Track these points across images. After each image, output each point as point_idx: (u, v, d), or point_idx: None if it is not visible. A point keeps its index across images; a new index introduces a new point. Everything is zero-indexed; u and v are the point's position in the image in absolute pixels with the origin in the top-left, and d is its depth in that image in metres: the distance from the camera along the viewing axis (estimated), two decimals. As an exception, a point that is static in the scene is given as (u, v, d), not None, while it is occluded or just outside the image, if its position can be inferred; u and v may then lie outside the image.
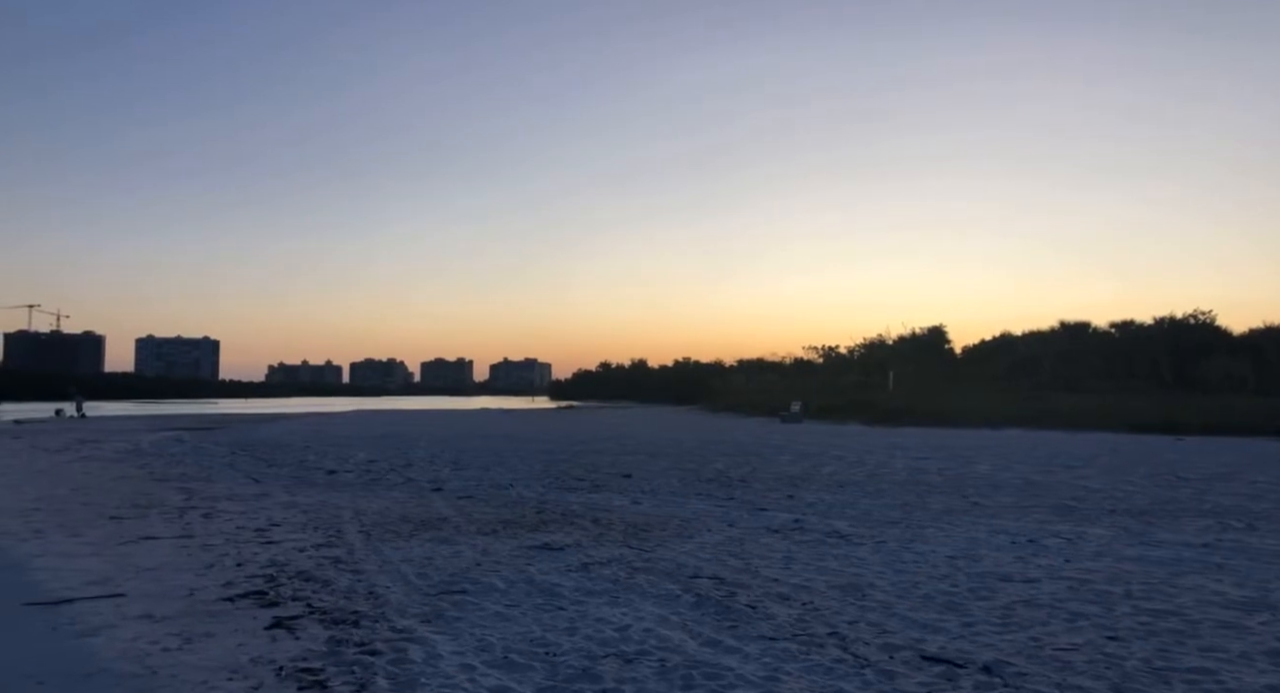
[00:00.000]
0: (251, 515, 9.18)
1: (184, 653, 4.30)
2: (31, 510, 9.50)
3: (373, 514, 9.35)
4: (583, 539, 7.67)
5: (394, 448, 19.30)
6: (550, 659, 4.14)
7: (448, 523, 8.71)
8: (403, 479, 13.04)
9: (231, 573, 6.22)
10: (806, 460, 15.56)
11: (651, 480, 12.54)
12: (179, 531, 8.14)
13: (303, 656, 4.24)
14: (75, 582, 5.91)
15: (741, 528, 8.31)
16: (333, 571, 6.33)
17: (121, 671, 4.03)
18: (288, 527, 8.45)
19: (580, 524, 8.63)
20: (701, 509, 9.68)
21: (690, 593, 5.54)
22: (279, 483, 12.61)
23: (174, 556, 6.90)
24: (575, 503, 10.23)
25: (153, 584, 5.86)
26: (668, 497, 10.80)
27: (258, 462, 16.17)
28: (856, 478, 12.71)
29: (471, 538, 7.81)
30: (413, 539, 7.73)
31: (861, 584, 5.75)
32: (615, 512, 9.54)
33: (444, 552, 7.09)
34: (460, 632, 4.66)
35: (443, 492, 11.51)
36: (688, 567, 6.40)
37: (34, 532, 7.99)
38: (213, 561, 6.68)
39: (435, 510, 9.63)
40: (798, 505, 9.94)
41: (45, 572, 6.26)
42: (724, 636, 4.52)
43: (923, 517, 9.00)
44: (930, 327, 65.16)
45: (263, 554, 6.96)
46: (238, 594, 5.53)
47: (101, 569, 6.35)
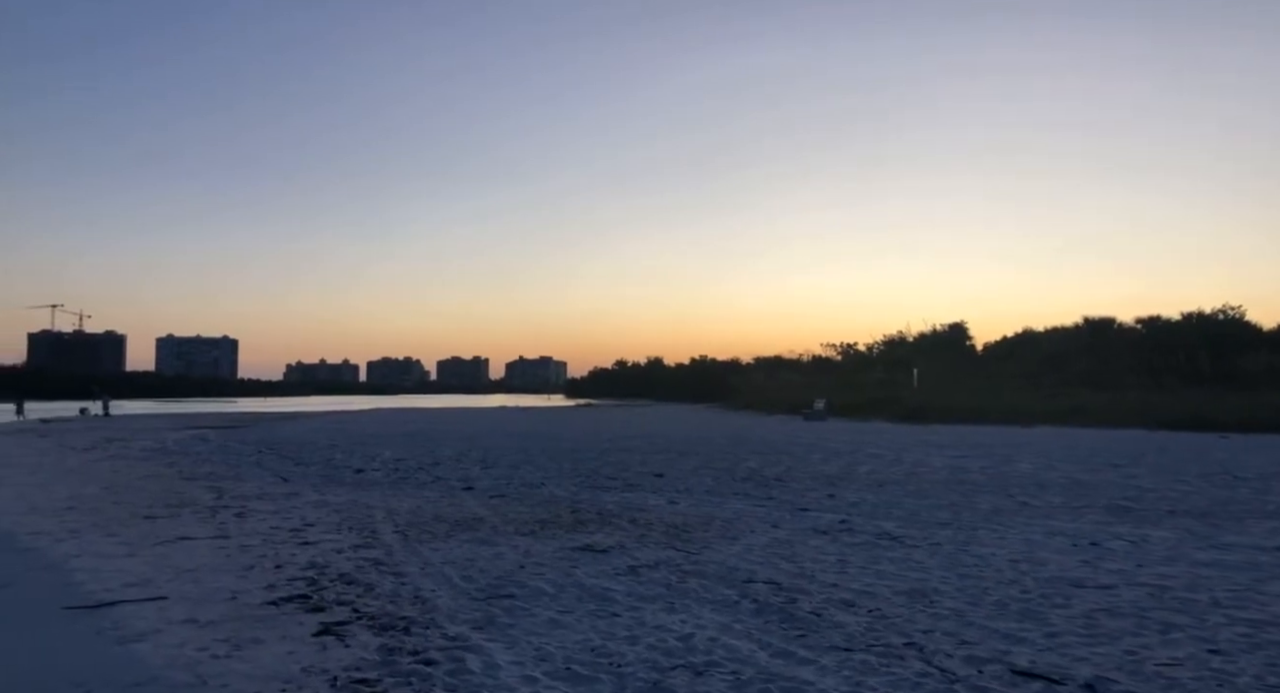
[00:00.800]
0: (285, 515, 9.05)
1: (233, 661, 4.13)
2: (65, 510, 9.43)
3: (406, 514, 9.20)
4: (625, 541, 7.47)
5: (420, 446, 19.20)
6: (616, 671, 3.93)
7: (484, 523, 8.53)
8: (432, 478, 12.90)
9: (272, 575, 6.07)
10: (841, 459, 15.28)
11: (684, 480, 12.32)
12: (214, 531, 8.02)
13: (356, 665, 4.05)
14: (115, 584, 5.78)
15: (787, 529, 8.07)
16: (374, 573, 6.16)
17: (172, 680, 3.86)
18: (322, 527, 8.31)
19: (619, 525, 8.43)
20: (741, 509, 9.44)
21: (748, 599, 5.31)
22: (308, 482, 12.50)
23: (212, 557, 6.76)
24: (610, 502, 10.03)
25: (193, 587, 5.72)
26: (704, 496, 10.58)
27: (285, 460, 16.11)
28: (896, 477, 12.42)
29: (511, 539, 7.62)
30: (450, 540, 7.56)
31: (926, 590, 5.50)
32: (652, 512, 9.33)
33: (485, 553, 6.91)
34: (516, 640, 4.46)
35: (474, 491, 11.35)
36: (740, 570, 6.18)
37: (69, 532, 7.89)
38: (252, 562, 6.54)
39: (469, 510, 9.47)
40: (840, 505, 9.68)
41: (84, 573, 6.13)
42: (794, 646, 4.29)
43: (972, 517, 8.72)
44: (951, 323, 64.60)
45: (301, 556, 6.81)
46: (281, 598, 5.37)
47: (140, 571, 6.22)
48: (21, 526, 8.25)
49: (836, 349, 78.23)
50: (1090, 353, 43.49)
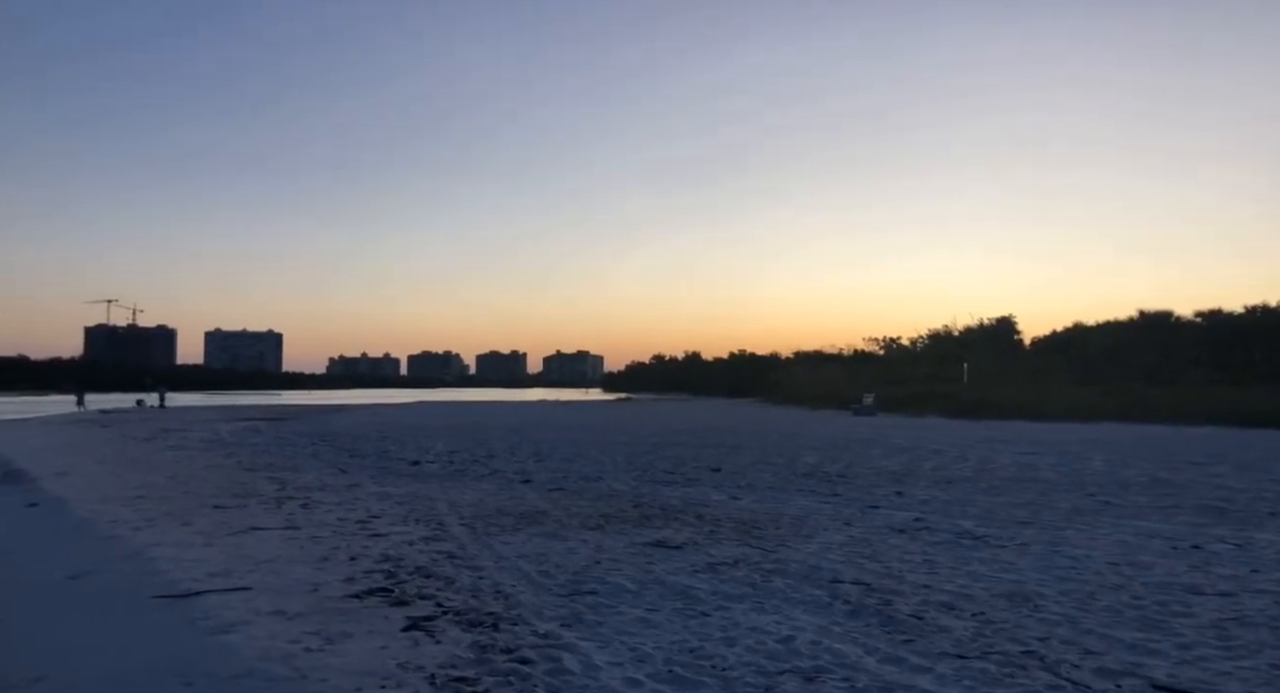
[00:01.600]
0: (349, 507, 9.06)
1: (327, 655, 4.06)
2: (136, 499, 9.58)
3: (468, 506, 9.16)
4: (695, 537, 7.30)
5: (471, 439, 19.27)
6: (721, 674, 3.76)
7: (547, 516, 8.44)
8: (488, 471, 12.88)
9: (348, 568, 6.03)
10: (903, 455, 14.91)
11: (743, 475, 12.11)
12: (283, 522, 8.05)
13: (451, 663, 3.95)
14: (198, 573, 5.79)
15: (860, 527, 7.83)
16: (450, 567, 6.08)
17: (270, 673, 3.80)
18: (388, 519, 8.29)
19: (685, 520, 8.26)
20: (808, 506, 9.21)
21: (840, 600, 5.11)
22: (365, 473, 12.58)
23: (286, 548, 6.76)
24: (672, 497, 9.87)
25: (273, 578, 5.70)
26: (766, 492, 10.36)
27: (340, 452, 16.27)
28: (964, 474, 12.05)
29: (579, 533, 7.51)
30: (519, 534, 7.47)
31: (1027, 593, 5.23)
32: (716, 507, 9.15)
33: (557, 548, 6.80)
34: (608, 639, 4.32)
35: (532, 484, 11.29)
36: (823, 569, 5.97)
37: (145, 520, 7.99)
38: (326, 554, 6.52)
39: (530, 503, 9.39)
40: (910, 503, 9.39)
41: (166, 562, 6.16)
42: (902, 651, 4.08)
43: (1053, 517, 8.37)
44: (999, 317, 63.18)
45: (374, 548, 6.78)
46: (363, 591, 5.31)
47: (218, 560, 6.24)
48: (99, 514, 8.38)
49: (879, 343, 77.13)
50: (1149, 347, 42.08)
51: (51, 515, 8.52)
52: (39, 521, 8.35)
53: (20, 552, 6.91)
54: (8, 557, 6.80)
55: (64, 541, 7.25)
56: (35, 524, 8.11)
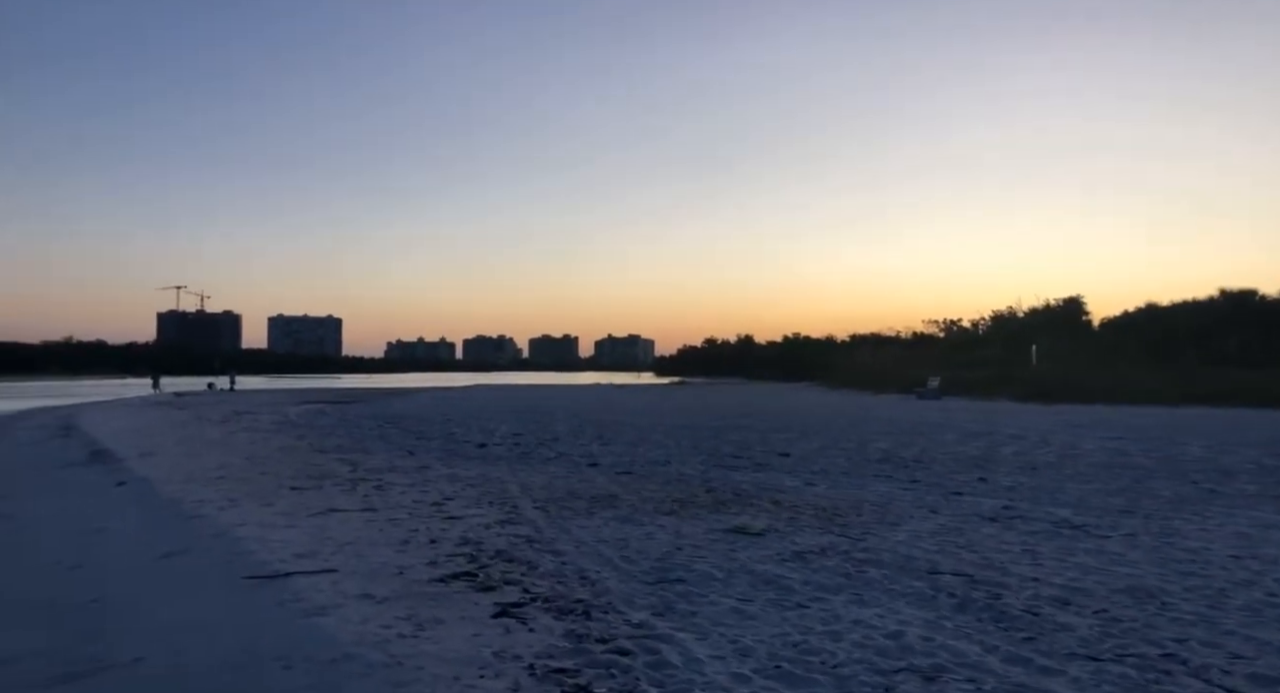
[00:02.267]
0: (422, 489, 9.10)
1: (421, 641, 3.99)
2: (217, 479, 9.80)
3: (539, 489, 9.11)
4: (775, 524, 7.07)
5: (533, 422, 19.34)
6: (833, 672, 3.55)
7: (620, 500, 8.32)
8: (554, 454, 12.85)
9: (429, 551, 5.99)
10: (978, 439, 14.37)
11: (814, 460, 11.80)
12: (360, 503, 8.10)
13: (548, 653, 3.83)
14: (284, 554, 5.82)
15: (947, 515, 7.49)
16: (530, 551, 5.99)
17: (367, 659, 3.73)
18: (461, 501, 8.28)
19: (761, 506, 8.04)
20: (887, 492, 8.89)
21: (944, 592, 4.83)
22: (433, 456, 12.67)
23: (365, 529, 6.77)
24: (744, 482, 9.65)
25: (357, 560, 5.69)
26: (840, 478, 10.06)
27: (406, 434, 16.48)
28: (1048, 460, 11.52)
29: (655, 518, 7.36)
30: (594, 518, 7.36)
31: (1148, 588, 4.87)
32: (790, 493, 8.89)
33: (635, 533, 6.66)
34: (705, 630, 4.14)
35: (599, 467, 11.20)
36: (917, 559, 5.69)
37: (229, 500, 8.14)
38: (405, 536, 6.50)
39: (600, 486, 9.29)
40: (995, 490, 8.98)
41: (252, 542, 6.22)
42: (1026, 650, 3.80)
43: (1155, 506, 7.88)
44: (1066, 298, 60.80)
45: (451, 531, 6.74)
46: (448, 575, 5.25)
47: (302, 541, 6.27)
48: (184, 493, 8.58)
49: (939, 326, 75.18)
50: (1233, 328, 39.94)
51: (139, 495, 8.76)
52: (128, 499, 8.60)
53: (114, 530, 7.10)
54: (102, 534, 6.99)
55: (153, 520, 7.42)
56: (125, 503, 8.35)
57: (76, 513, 8.10)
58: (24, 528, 7.63)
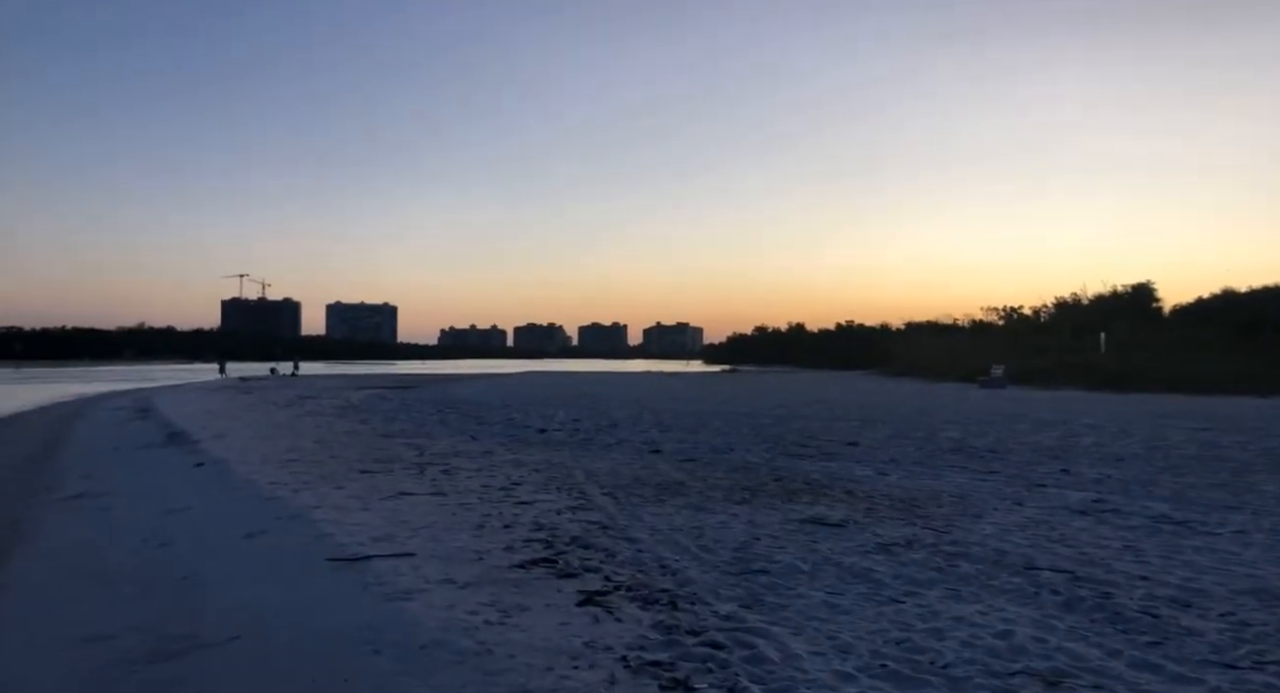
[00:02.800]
0: (489, 474, 9.11)
1: (509, 629, 3.92)
2: (289, 461, 9.98)
3: (604, 475, 9.04)
4: (852, 514, 6.86)
5: (591, 409, 19.36)
6: (944, 673, 3.36)
7: (688, 488, 8.19)
8: (615, 440, 12.80)
9: (504, 536, 5.95)
10: (1053, 429, 13.83)
11: (883, 449, 11.49)
12: (429, 487, 8.14)
13: (639, 644, 3.72)
14: (362, 537, 5.85)
15: (1034, 507, 7.16)
16: (605, 538, 5.91)
17: (457, 645, 3.68)
18: (530, 486, 8.26)
19: (834, 496, 7.83)
20: (965, 483, 8.56)
21: (1046, 589, 4.57)
22: (496, 441, 12.74)
23: (439, 513, 6.78)
24: (813, 472, 9.43)
25: (434, 544, 5.68)
26: (913, 468, 9.75)
27: (467, 419, 16.65)
28: (1132, 451, 10.99)
29: (726, 507, 7.21)
30: (664, 505, 7.25)
31: (1274, 590, 4.53)
32: (864, 483, 8.65)
33: (709, 521, 6.53)
34: (799, 625, 3.99)
35: (662, 454, 11.09)
36: (1010, 553, 5.42)
37: (302, 483, 8.26)
38: (479, 521, 6.48)
39: (666, 474, 9.17)
40: (1081, 482, 8.58)
41: (329, 524, 6.28)
42: (1153, 656, 3.54)
43: (1261, 500, 7.41)
44: (1134, 284, 58.31)
45: (524, 516, 6.71)
46: (527, 561, 5.19)
47: (378, 524, 6.30)
48: (260, 475, 8.76)
49: (998, 314, 73.00)
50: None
51: (217, 476, 8.98)
52: (207, 480, 8.81)
53: (197, 510, 7.27)
54: (187, 514, 7.16)
55: (232, 500, 7.58)
56: (205, 484, 8.56)
57: (160, 492, 8.33)
58: (113, 506, 7.88)
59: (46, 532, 7.15)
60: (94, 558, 6.03)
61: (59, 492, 9.17)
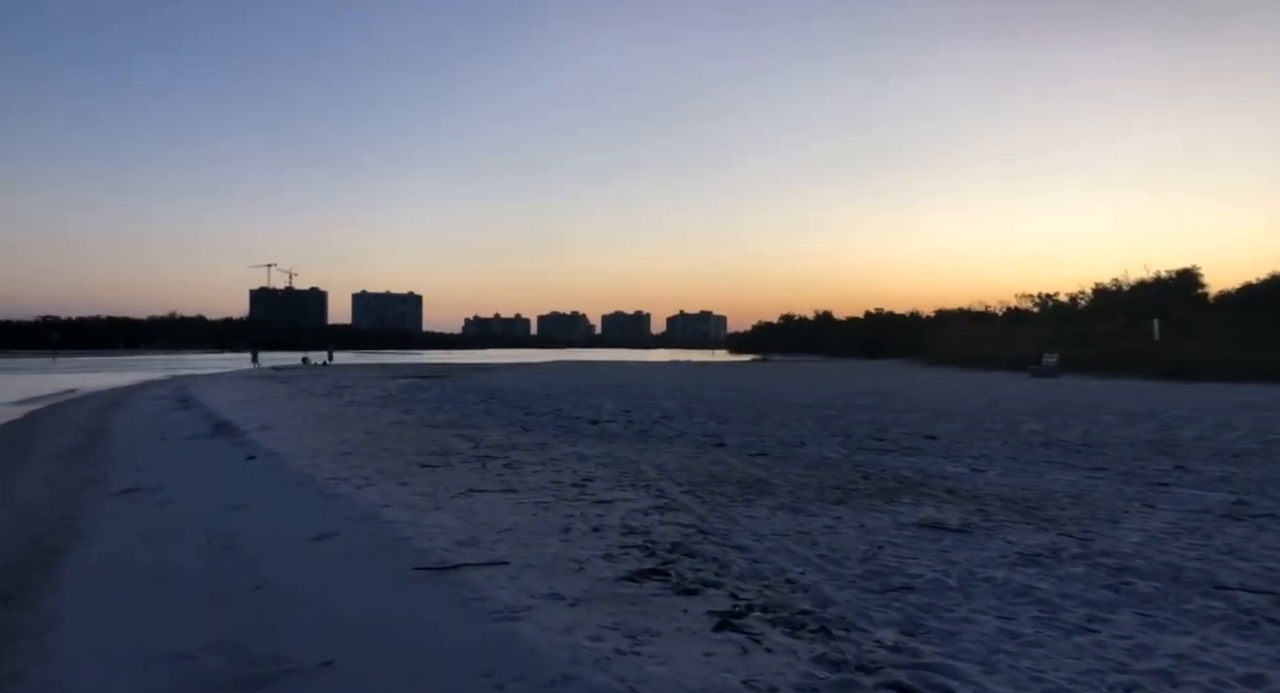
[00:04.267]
0: (554, 468, 8.58)
1: (645, 661, 3.35)
2: (343, 454, 9.52)
3: (676, 471, 8.48)
4: (969, 517, 6.21)
5: (635, 398, 18.79)
6: (1206, 730, 2.73)
7: (773, 486, 7.59)
8: (673, 432, 12.22)
9: (597, 541, 5.39)
10: (1144, 421, 13.00)
11: (966, 443, 10.79)
12: (497, 483, 7.62)
13: (809, 685, 3.13)
14: (444, 541, 5.31)
15: (1169, 510, 6.46)
16: (709, 544, 5.33)
17: (592, 682, 3.12)
18: (602, 483, 7.71)
19: (936, 495, 7.19)
20: (1074, 481, 7.87)
21: (1259, 616, 3.92)
22: (548, 432, 12.23)
23: (518, 513, 6.24)
24: (901, 468, 8.78)
25: (524, 550, 5.13)
26: (1008, 463, 9.05)
27: (512, 409, 16.16)
28: (1245, 446, 10.18)
29: (826, 508, 6.61)
30: (756, 505, 6.66)
31: None
32: (960, 480, 7.99)
33: (813, 525, 5.92)
34: (988, 659, 3.38)
35: (727, 448, 10.50)
36: (1185, 568, 4.75)
37: (363, 478, 7.77)
38: (563, 522, 5.93)
39: (740, 469, 8.58)
40: (1206, 480, 7.84)
41: (404, 525, 5.76)
42: None
43: None
44: (1179, 270, 56.53)
45: (609, 517, 6.15)
46: (634, 572, 4.62)
47: (456, 526, 5.77)
48: (316, 469, 8.29)
49: (1033, 301, 71.44)
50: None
51: (271, 470, 8.53)
52: (262, 474, 8.36)
53: (257, 507, 6.80)
54: (246, 512, 6.69)
55: (292, 497, 7.10)
56: (260, 479, 8.10)
57: (215, 487, 7.90)
58: (168, 501, 7.45)
59: (103, 529, 6.73)
60: (156, 560, 5.57)
61: (111, 485, 8.78)
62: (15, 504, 8.37)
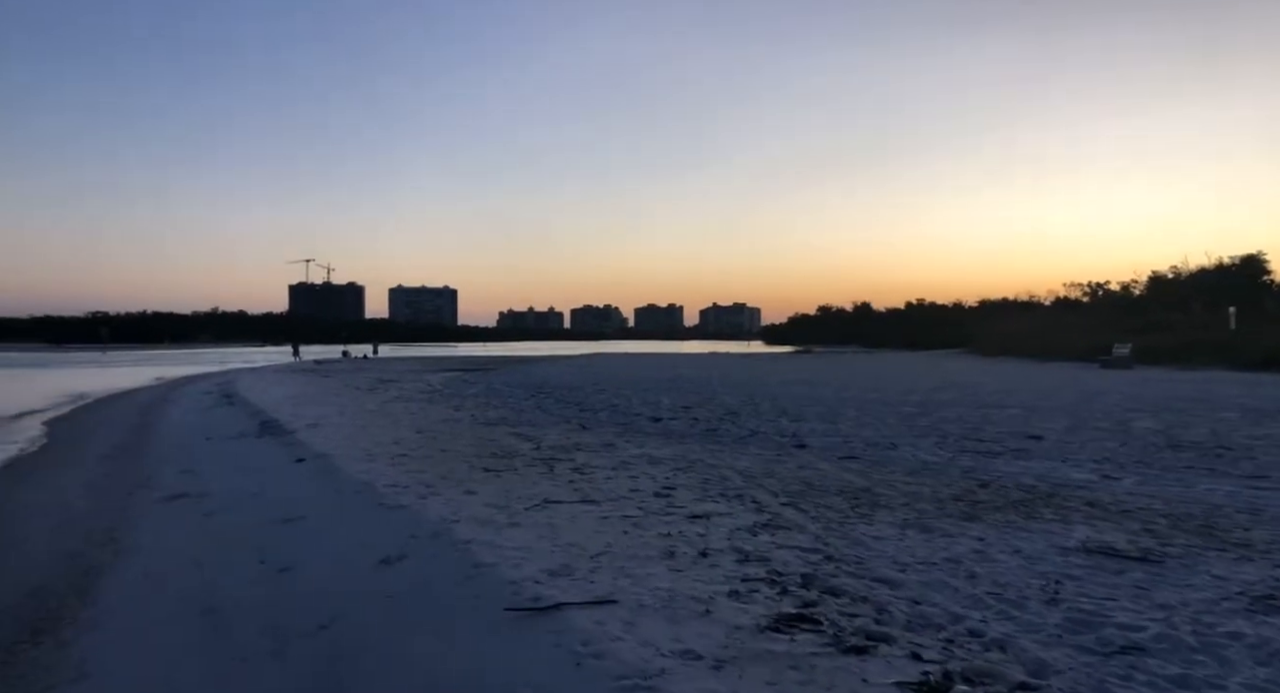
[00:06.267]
0: (629, 472, 7.77)
1: (847, 765, 2.49)
2: (399, 456, 8.82)
3: (762, 477, 7.62)
4: (1141, 541, 5.24)
5: (693, 393, 17.92)
6: None
7: (883, 498, 6.69)
8: (744, 431, 11.34)
9: (710, 571, 4.54)
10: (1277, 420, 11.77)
11: (1077, 444, 9.74)
12: (571, 492, 6.81)
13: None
14: (532, 569, 4.50)
15: (1380, 533, 5.41)
16: (847, 577, 4.44)
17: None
18: (688, 492, 6.86)
19: (1076, 509, 6.23)
20: (1234, 493, 6.82)
21: None
22: (610, 431, 11.44)
23: (606, 531, 5.42)
24: (1018, 474, 7.79)
25: (628, 582, 4.30)
26: (1140, 470, 8.00)
27: (565, 405, 15.41)
28: None
29: (957, 524, 5.69)
30: (873, 522, 5.78)
31: None
32: (1096, 490, 7.00)
33: (957, 549, 5.01)
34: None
35: (810, 449, 9.60)
36: None
37: (425, 486, 7.03)
38: (661, 544, 5.09)
39: (835, 476, 7.68)
40: (1394, 495, 6.73)
41: (481, 547, 4.95)
42: None
43: None
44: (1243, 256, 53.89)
45: (712, 537, 5.31)
46: (777, 619, 3.75)
47: (542, 548, 4.96)
48: (372, 475, 7.57)
49: (1083, 289, 69.07)
50: None
51: (323, 474, 7.84)
52: (313, 480, 7.67)
53: (313, 520, 6.08)
54: (303, 525, 5.98)
55: (350, 509, 6.37)
56: (313, 486, 7.41)
57: (265, 495, 7.23)
58: (216, 511, 6.79)
59: (145, 545, 6.09)
60: (205, 587, 4.87)
61: (156, 490, 8.19)
62: (59, 512, 7.82)
